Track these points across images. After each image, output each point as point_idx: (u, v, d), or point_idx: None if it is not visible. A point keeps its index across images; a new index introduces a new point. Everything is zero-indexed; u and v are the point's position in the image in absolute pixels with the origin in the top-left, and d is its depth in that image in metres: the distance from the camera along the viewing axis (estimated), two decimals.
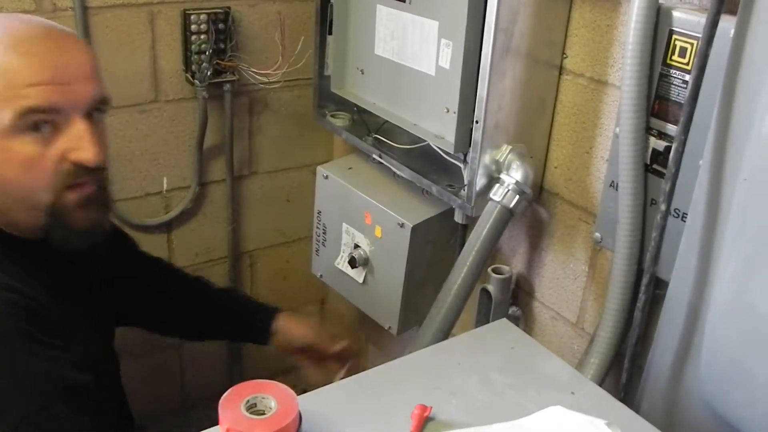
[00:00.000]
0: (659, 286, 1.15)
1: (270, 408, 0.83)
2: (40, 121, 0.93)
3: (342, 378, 1.22)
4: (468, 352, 1.05)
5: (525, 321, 1.51)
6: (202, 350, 2.03)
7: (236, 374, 2.09)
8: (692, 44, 1.06)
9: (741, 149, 0.92)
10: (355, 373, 1.03)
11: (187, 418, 2.05)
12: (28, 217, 0.98)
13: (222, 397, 0.83)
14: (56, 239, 1.00)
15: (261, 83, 1.72)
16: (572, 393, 0.98)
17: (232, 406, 0.82)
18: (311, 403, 0.90)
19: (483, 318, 1.46)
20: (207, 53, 1.62)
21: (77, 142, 0.95)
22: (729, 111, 0.95)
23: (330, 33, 1.60)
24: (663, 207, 1.06)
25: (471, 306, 1.44)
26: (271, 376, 0.90)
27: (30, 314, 0.93)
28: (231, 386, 0.86)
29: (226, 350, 2.07)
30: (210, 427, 0.88)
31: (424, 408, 0.91)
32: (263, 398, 0.84)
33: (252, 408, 0.83)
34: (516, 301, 1.52)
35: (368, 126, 1.60)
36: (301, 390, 0.90)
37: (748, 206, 0.91)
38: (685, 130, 1.01)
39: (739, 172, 0.92)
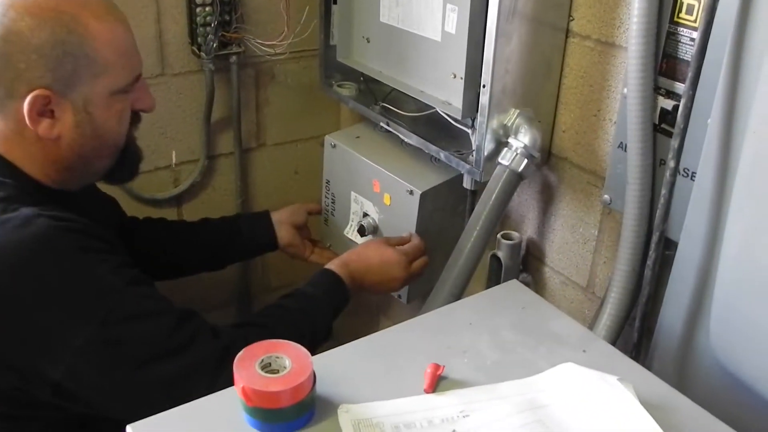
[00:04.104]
0: (668, 246, 1.16)
1: (284, 367, 0.84)
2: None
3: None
4: (479, 312, 1.05)
5: (535, 287, 1.52)
6: (211, 312, 2.04)
7: None
8: (700, 1, 1.05)
9: (750, 104, 0.92)
10: None
11: None
12: (109, 160, 1.19)
13: (237, 357, 0.84)
14: (122, 175, 1.25)
15: (267, 55, 1.71)
16: (584, 351, 0.99)
17: (246, 365, 0.83)
18: (325, 362, 0.91)
19: (493, 285, 1.47)
20: (212, 25, 1.61)
21: (142, 95, 1.19)
22: (738, 66, 0.94)
23: (335, 2, 1.59)
24: (672, 164, 1.06)
25: (481, 273, 1.45)
26: None
27: (81, 234, 1.06)
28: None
29: (235, 312, 2.07)
30: None
31: (437, 367, 0.92)
32: (278, 357, 0.85)
33: (267, 367, 0.84)
34: (526, 267, 1.53)
35: (375, 95, 1.60)
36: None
37: (757, 160, 0.90)
38: (693, 85, 1.01)
39: (748, 127, 0.92)
